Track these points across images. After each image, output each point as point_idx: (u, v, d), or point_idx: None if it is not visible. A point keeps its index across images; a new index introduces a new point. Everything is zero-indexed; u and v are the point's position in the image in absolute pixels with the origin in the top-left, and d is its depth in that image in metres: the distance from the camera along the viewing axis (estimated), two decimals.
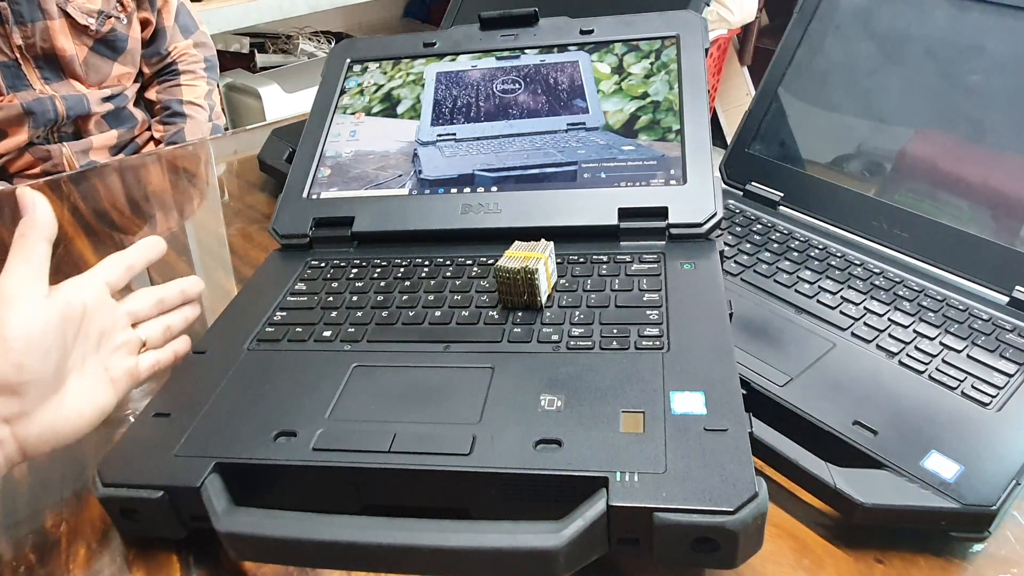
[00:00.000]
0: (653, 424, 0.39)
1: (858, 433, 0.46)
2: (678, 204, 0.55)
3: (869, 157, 0.67)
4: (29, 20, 1.07)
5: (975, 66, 0.61)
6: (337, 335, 0.49)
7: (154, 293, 0.51)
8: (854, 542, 0.43)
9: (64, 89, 1.13)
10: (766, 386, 0.49)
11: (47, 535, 0.45)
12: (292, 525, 0.37)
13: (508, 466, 0.38)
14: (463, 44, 0.68)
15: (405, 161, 0.62)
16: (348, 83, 0.69)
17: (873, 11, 0.68)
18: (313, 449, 0.40)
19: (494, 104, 0.64)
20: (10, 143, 1.11)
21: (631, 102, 0.61)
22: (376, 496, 0.41)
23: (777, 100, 0.72)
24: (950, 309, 0.55)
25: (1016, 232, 0.57)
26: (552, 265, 0.51)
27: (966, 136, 0.61)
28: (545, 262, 0.49)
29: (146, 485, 0.40)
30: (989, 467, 0.43)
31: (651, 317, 0.47)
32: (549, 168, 0.59)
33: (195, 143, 1.11)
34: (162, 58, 1.26)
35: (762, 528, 0.35)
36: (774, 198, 0.70)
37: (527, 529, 0.35)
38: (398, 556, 0.36)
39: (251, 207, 0.87)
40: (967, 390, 0.48)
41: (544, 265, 0.49)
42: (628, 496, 0.35)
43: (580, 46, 0.66)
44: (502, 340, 0.47)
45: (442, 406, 0.42)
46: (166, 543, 0.43)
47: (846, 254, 0.62)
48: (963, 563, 0.42)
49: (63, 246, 0.79)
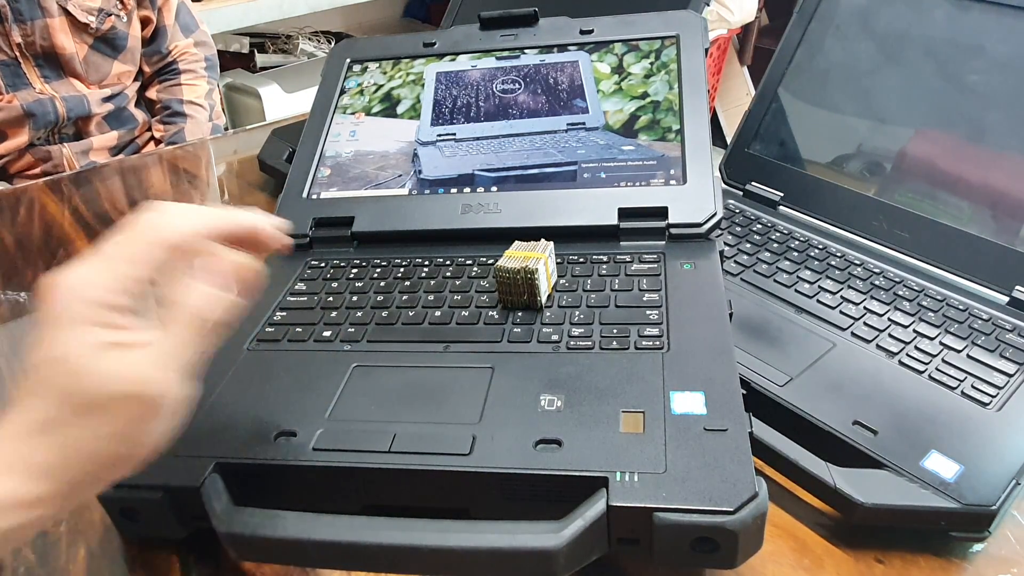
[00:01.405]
0: (653, 424, 0.39)
1: (858, 433, 0.46)
2: (678, 204, 0.55)
3: (869, 157, 0.67)
4: (29, 18, 1.07)
5: (975, 66, 0.61)
6: (337, 335, 0.49)
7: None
8: (854, 542, 0.43)
9: (64, 88, 1.13)
10: (766, 386, 0.49)
11: (47, 535, 0.45)
12: (292, 525, 0.37)
13: (508, 466, 0.38)
14: (463, 44, 0.68)
15: (405, 161, 0.62)
16: (348, 83, 0.69)
17: (873, 11, 0.68)
18: (313, 449, 0.40)
19: (494, 104, 0.64)
20: (10, 144, 1.11)
21: (631, 102, 0.61)
22: (376, 496, 0.41)
23: (777, 100, 0.72)
24: (950, 309, 0.55)
25: (1016, 232, 0.57)
26: (552, 265, 0.51)
27: (966, 136, 0.61)
28: (545, 262, 0.49)
29: (146, 485, 0.40)
30: (989, 467, 0.43)
31: (651, 317, 0.47)
32: (549, 168, 0.59)
33: (195, 143, 1.11)
34: (162, 57, 1.26)
35: (762, 528, 0.35)
36: (774, 198, 0.70)
37: (527, 529, 0.35)
38: (398, 556, 0.36)
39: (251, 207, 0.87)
40: (967, 390, 0.48)
41: (544, 265, 0.49)
42: (628, 496, 0.35)
43: (580, 46, 0.66)
44: (502, 340, 0.47)
45: (442, 406, 0.42)
46: (166, 543, 0.43)
47: (846, 254, 0.62)
48: (963, 563, 0.42)
49: (63, 247, 0.79)
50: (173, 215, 0.35)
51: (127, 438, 0.31)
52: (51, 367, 0.31)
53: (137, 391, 0.31)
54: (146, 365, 0.31)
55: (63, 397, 0.30)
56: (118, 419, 0.31)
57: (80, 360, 0.30)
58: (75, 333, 0.31)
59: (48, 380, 0.31)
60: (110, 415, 0.31)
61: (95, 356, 0.30)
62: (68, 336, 0.31)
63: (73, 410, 0.30)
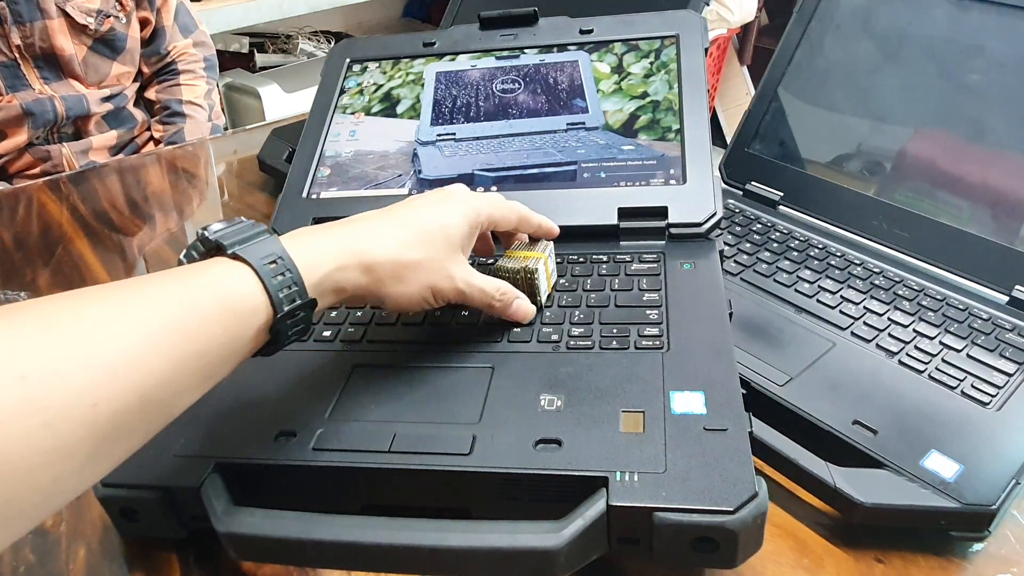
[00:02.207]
0: (653, 424, 0.39)
1: (858, 433, 0.46)
2: (678, 204, 0.55)
3: (869, 156, 0.67)
4: (28, 20, 1.07)
5: (975, 66, 0.61)
6: (337, 335, 0.49)
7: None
8: (854, 542, 0.43)
9: (63, 89, 1.13)
10: (766, 386, 0.49)
11: (47, 535, 0.45)
12: (292, 525, 0.37)
13: (508, 466, 0.38)
14: (463, 44, 0.68)
15: (405, 161, 0.62)
16: (348, 83, 0.69)
17: (873, 10, 0.68)
18: (313, 449, 0.40)
19: (494, 104, 0.64)
20: (10, 144, 1.11)
21: (631, 102, 0.61)
22: (376, 496, 0.41)
23: (777, 100, 0.72)
24: (950, 309, 0.55)
25: (1016, 232, 0.57)
26: (552, 265, 0.51)
27: (966, 135, 0.61)
28: (545, 262, 0.49)
29: (146, 485, 0.40)
30: (989, 466, 0.43)
31: (651, 317, 0.47)
32: (549, 168, 0.59)
33: (195, 143, 1.11)
34: (161, 57, 1.26)
35: (762, 528, 0.35)
36: (774, 198, 0.70)
37: (527, 529, 0.35)
38: (398, 556, 0.36)
39: (251, 207, 0.87)
40: (967, 389, 0.48)
41: (544, 265, 0.49)
42: (628, 496, 0.35)
43: (580, 46, 0.66)
44: (502, 340, 0.47)
45: (442, 406, 0.42)
46: (166, 543, 0.43)
47: (846, 254, 0.62)
48: (963, 563, 0.42)
49: (63, 246, 0.79)
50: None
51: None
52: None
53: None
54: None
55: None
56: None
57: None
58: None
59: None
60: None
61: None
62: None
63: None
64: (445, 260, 0.44)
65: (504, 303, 0.47)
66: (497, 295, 0.47)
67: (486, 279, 0.46)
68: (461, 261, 0.46)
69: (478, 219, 0.47)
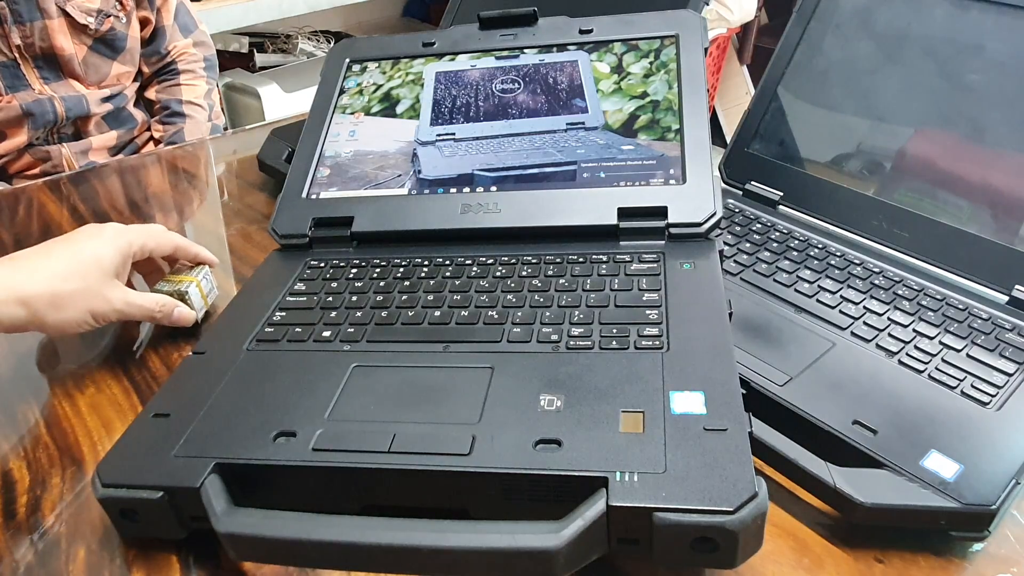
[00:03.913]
0: (653, 424, 0.39)
1: (858, 433, 0.46)
2: (677, 204, 0.55)
3: (869, 156, 0.67)
4: (28, 20, 1.07)
5: (975, 65, 0.61)
6: (337, 335, 0.49)
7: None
8: (854, 542, 0.43)
9: (63, 89, 1.13)
10: (766, 386, 0.49)
11: (47, 535, 0.45)
12: (292, 525, 0.37)
13: (508, 466, 0.38)
14: (462, 44, 0.68)
15: (404, 161, 0.62)
16: (347, 83, 0.69)
17: (872, 10, 0.68)
18: (313, 449, 0.40)
19: (493, 104, 0.64)
20: (9, 144, 1.11)
21: (630, 102, 0.61)
22: (376, 496, 0.41)
23: (776, 99, 0.72)
24: (950, 308, 0.55)
25: (1016, 231, 0.57)
26: (207, 286, 0.62)
27: (966, 135, 0.61)
28: (197, 284, 0.60)
29: (145, 486, 0.40)
30: (989, 466, 0.43)
31: (651, 317, 0.47)
32: (548, 168, 0.59)
33: (194, 143, 1.11)
34: (161, 57, 1.26)
35: (762, 528, 0.35)
36: (773, 197, 0.70)
37: (527, 529, 0.35)
38: (398, 556, 0.36)
39: (250, 207, 0.87)
40: (967, 389, 0.48)
41: (196, 287, 0.60)
42: (628, 496, 0.35)
43: (579, 46, 0.66)
44: (501, 340, 0.47)
45: (442, 406, 0.42)
46: (166, 543, 0.43)
47: (846, 253, 0.62)
48: (963, 562, 0.42)
49: None
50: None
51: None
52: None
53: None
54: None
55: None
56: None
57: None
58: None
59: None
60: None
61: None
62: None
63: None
64: (101, 287, 0.52)
65: (164, 313, 0.57)
66: (157, 308, 0.56)
67: (145, 296, 0.56)
68: (117, 285, 0.54)
69: (130, 249, 0.56)
